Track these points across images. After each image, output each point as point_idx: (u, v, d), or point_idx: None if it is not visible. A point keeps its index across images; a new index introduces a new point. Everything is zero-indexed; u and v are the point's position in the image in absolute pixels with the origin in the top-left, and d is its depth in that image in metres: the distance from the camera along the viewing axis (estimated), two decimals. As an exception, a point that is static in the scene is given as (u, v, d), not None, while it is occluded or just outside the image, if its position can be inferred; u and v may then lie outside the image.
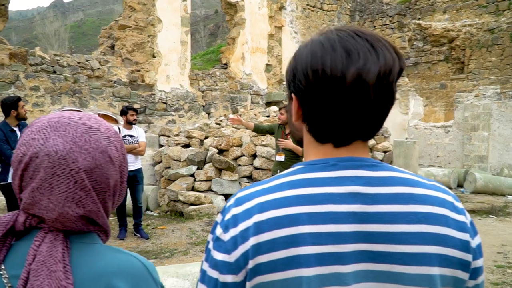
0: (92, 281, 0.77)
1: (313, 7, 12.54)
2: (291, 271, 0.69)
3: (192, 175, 7.71)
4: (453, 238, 0.73)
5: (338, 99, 0.72)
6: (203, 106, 10.21)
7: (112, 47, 9.51)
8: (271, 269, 0.70)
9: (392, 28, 13.14)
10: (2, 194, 4.50)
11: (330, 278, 0.69)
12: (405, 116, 12.24)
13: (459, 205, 0.78)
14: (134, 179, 5.79)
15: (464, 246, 0.73)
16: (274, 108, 9.68)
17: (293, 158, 5.18)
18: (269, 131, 5.58)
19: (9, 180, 4.38)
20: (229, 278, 0.72)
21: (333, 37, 0.74)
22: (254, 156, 7.91)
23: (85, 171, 0.79)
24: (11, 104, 4.38)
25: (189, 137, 8.99)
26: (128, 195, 5.88)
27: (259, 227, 0.71)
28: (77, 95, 8.26)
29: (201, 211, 6.84)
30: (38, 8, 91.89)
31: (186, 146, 8.97)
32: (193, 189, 7.55)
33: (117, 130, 5.66)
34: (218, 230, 0.76)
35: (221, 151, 8.07)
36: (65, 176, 0.78)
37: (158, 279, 0.88)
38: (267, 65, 11.36)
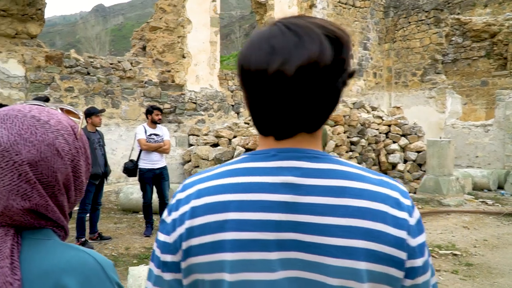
0: (41, 278, 0.76)
1: (345, 4, 12.33)
2: (215, 254, 0.73)
3: (219, 174, 7.76)
4: (386, 235, 0.71)
5: (264, 93, 0.73)
6: (232, 105, 10.26)
7: (144, 48, 9.74)
8: (200, 252, 0.74)
9: (428, 24, 12.70)
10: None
11: (255, 264, 0.72)
12: (442, 115, 11.80)
13: (406, 202, 0.75)
14: (160, 176, 5.89)
15: (398, 243, 0.71)
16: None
17: None
18: None
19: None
20: (168, 258, 0.77)
21: (265, 33, 0.75)
22: (281, 155, 7.87)
23: (29, 164, 0.77)
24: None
25: (217, 137, 9.06)
26: (155, 193, 6.00)
27: (194, 212, 0.76)
28: (109, 95, 8.51)
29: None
30: (81, 12, 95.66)
31: (215, 145, 9.05)
32: (220, 188, 7.60)
33: (143, 129, 5.81)
34: (164, 214, 0.83)
35: (248, 150, 8.08)
36: (8, 168, 0.77)
37: (113, 277, 0.86)
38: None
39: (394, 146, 8.95)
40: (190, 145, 9.31)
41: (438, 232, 6.10)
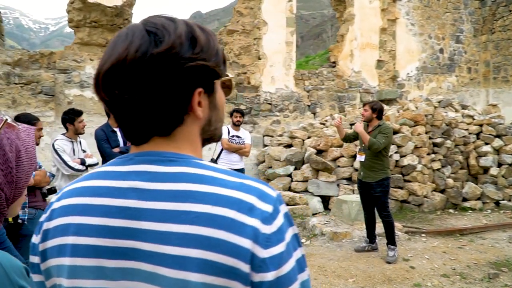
0: None
1: (434, -6, 11.39)
2: (59, 258, 0.72)
3: (290, 175, 7.69)
4: (227, 243, 0.64)
5: (102, 97, 0.74)
6: (309, 106, 10.10)
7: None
8: (51, 255, 0.74)
9: (534, 10, 11.19)
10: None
11: (90, 271, 0.69)
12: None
13: (264, 207, 0.67)
14: None
15: (240, 253, 0.64)
16: (384, 106, 9.07)
17: (373, 157, 4.82)
18: (355, 134, 5.24)
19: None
20: (35, 259, 0.77)
21: (116, 35, 0.75)
22: (354, 157, 7.53)
23: None
24: None
25: (292, 137, 9.00)
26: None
27: (51, 215, 0.76)
28: (188, 98, 8.93)
29: (294, 211, 6.77)
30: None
31: (289, 146, 8.99)
32: (289, 189, 7.53)
33: (226, 130, 6.01)
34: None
35: (320, 152, 7.89)
36: None
37: (17, 281, 0.88)
38: (379, 61, 10.71)
39: (487, 148, 8.04)
40: (265, 145, 9.37)
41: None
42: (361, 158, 4.94)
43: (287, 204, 6.98)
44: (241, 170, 6.05)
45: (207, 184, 0.68)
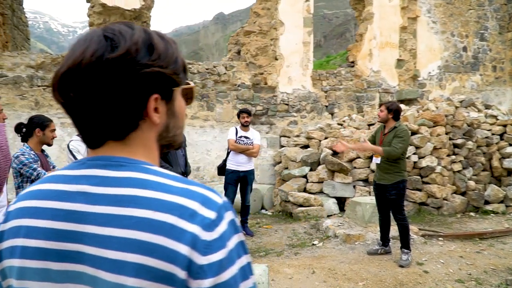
0: None
1: (457, -9, 11.09)
2: (11, 259, 0.74)
3: (305, 176, 7.64)
4: (164, 249, 0.65)
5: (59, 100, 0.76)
6: (326, 106, 10.01)
7: (239, 52, 10.07)
8: (5, 256, 0.76)
9: None
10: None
11: (39, 273, 0.71)
12: None
13: (207, 213, 0.68)
14: (245, 180, 6.01)
15: (176, 259, 0.64)
16: (403, 106, 8.89)
17: (390, 160, 4.70)
18: (372, 138, 5.11)
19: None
20: None
21: (76, 39, 0.76)
22: (371, 158, 7.42)
23: None
24: None
25: (308, 138, 8.93)
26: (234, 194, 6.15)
27: (7, 217, 0.78)
28: (205, 99, 9.00)
29: (309, 213, 6.73)
30: (203, 22, 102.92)
31: (306, 147, 8.93)
32: (305, 190, 7.48)
33: (234, 131, 6.01)
34: None
35: (336, 153, 7.79)
36: None
37: None
38: (399, 60, 10.50)
39: (511, 150, 7.77)
40: (282, 146, 9.34)
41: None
42: (377, 160, 4.83)
43: (302, 206, 6.93)
44: (249, 173, 6.02)
45: (151, 189, 0.69)
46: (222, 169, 6.10)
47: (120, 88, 0.70)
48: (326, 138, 8.68)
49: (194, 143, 8.95)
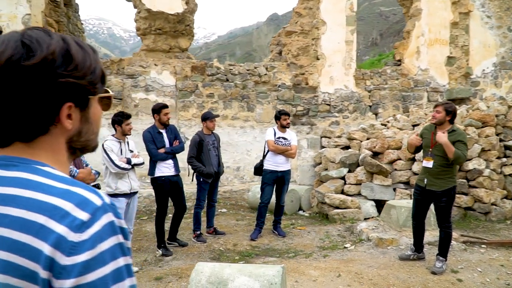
0: None
1: (515, -18, 10.34)
2: None
3: (343, 178, 7.49)
4: (31, 248, 0.67)
5: None
6: (370, 106, 9.74)
7: (280, 53, 10.07)
8: None
9: None
10: (151, 186, 5.40)
11: None
12: None
13: (79, 215, 0.69)
14: (282, 180, 6.01)
15: (41, 259, 0.67)
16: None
17: (442, 164, 4.40)
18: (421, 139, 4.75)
19: (156, 175, 5.22)
20: None
21: None
22: (413, 160, 7.12)
23: None
24: (156, 110, 5.23)
25: (350, 139, 8.74)
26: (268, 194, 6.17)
27: None
28: (245, 100, 9.10)
29: (345, 215, 6.59)
30: (257, 23, 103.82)
31: (346, 148, 8.76)
32: (342, 192, 7.33)
33: (273, 132, 6.04)
34: None
35: (376, 154, 7.57)
36: None
37: None
38: (449, 57, 9.98)
39: None
40: (322, 147, 9.21)
41: None
42: (428, 164, 4.50)
43: (338, 208, 6.80)
44: (287, 172, 6.01)
45: (31, 189, 0.71)
46: (259, 170, 6.13)
47: (33, 94, 0.72)
48: (368, 139, 8.46)
49: (235, 144, 9.08)
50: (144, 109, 8.74)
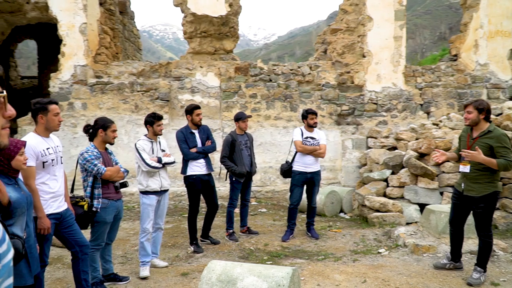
0: None
1: None
2: None
3: (386, 180, 7.18)
4: None
5: None
6: (421, 105, 9.24)
7: (325, 52, 9.88)
8: None
9: None
10: (184, 184, 5.54)
11: None
12: None
13: None
14: (312, 181, 5.91)
15: None
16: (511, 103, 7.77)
17: (480, 168, 4.07)
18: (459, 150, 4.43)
19: (188, 173, 5.36)
20: None
21: None
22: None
23: None
24: (188, 111, 5.36)
25: (397, 139, 8.38)
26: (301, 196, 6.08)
27: None
28: (288, 100, 9.04)
29: (385, 219, 6.31)
30: (318, 21, 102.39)
31: (393, 148, 8.40)
32: (385, 195, 7.03)
33: (300, 132, 5.97)
34: None
35: (422, 155, 7.16)
36: None
37: None
38: (512, 50, 9.19)
39: None
40: (368, 148, 8.90)
41: None
42: (465, 169, 4.20)
43: (378, 211, 6.53)
44: (317, 173, 5.88)
45: None
46: (287, 171, 6.04)
47: None
48: (417, 139, 8.04)
49: (277, 143, 9.06)
50: (190, 110, 8.98)
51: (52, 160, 3.52)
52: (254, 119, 8.97)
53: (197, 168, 5.35)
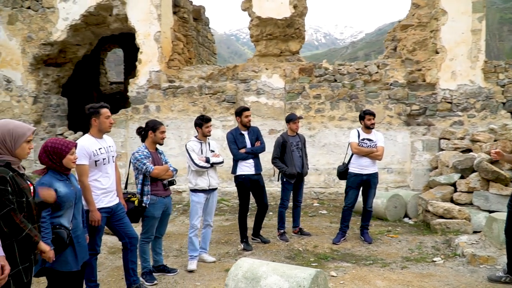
0: None
1: None
2: None
3: (454, 184, 6.69)
4: None
5: None
6: (503, 103, 8.41)
7: (395, 49, 9.45)
8: None
9: None
10: (234, 183, 5.73)
11: None
12: None
13: None
14: (368, 183, 5.78)
15: None
16: None
17: None
18: None
19: (237, 173, 5.55)
20: None
21: None
22: (544, 166, 5.96)
23: None
24: (238, 113, 5.54)
25: (473, 141, 7.75)
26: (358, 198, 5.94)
27: None
28: (353, 100, 8.82)
29: (448, 226, 5.90)
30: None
31: (468, 150, 7.77)
32: (452, 200, 6.56)
33: (356, 133, 5.87)
34: None
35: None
36: None
37: None
38: None
39: None
40: (441, 150, 8.34)
41: None
42: None
43: (442, 217, 6.12)
44: (373, 175, 5.71)
45: None
46: (343, 173, 5.94)
47: None
48: (495, 140, 7.36)
49: (342, 145, 8.88)
50: (255, 111, 9.18)
51: (104, 159, 3.91)
52: (318, 120, 8.91)
53: (246, 168, 5.51)
